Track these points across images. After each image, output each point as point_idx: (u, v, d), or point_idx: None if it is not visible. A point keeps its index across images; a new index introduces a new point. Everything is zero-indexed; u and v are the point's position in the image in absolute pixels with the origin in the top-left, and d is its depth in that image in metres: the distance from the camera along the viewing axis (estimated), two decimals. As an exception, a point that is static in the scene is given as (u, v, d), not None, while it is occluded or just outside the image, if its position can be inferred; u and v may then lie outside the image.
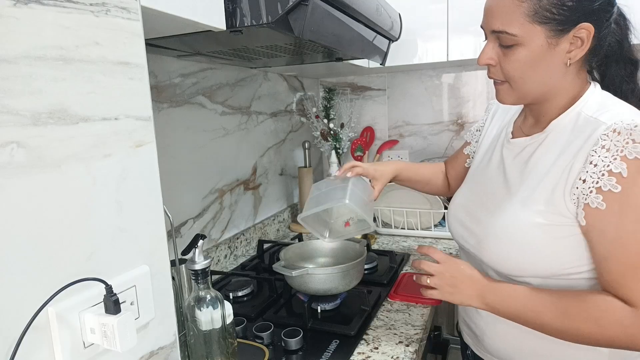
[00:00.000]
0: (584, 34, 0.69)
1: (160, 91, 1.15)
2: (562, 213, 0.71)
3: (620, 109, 0.71)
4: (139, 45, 0.52)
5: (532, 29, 0.69)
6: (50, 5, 0.42)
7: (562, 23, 0.69)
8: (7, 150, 0.39)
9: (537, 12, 0.68)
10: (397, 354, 0.88)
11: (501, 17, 0.72)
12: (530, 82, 0.74)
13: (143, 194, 0.53)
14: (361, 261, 1.07)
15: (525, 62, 0.72)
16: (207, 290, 0.75)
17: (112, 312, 0.46)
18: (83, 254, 0.46)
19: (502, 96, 0.80)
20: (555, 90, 0.76)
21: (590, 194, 0.67)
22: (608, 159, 0.66)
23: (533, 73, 0.73)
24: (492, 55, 0.76)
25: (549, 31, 0.69)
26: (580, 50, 0.71)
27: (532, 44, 0.70)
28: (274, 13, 0.74)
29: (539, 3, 0.68)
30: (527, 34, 0.70)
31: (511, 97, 0.79)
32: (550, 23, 0.69)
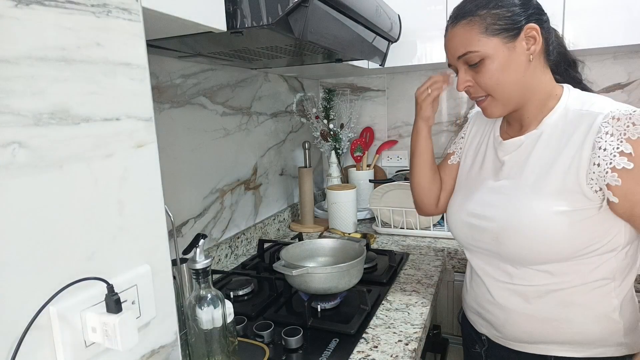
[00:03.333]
0: (533, 32, 0.81)
1: (161, 92, 1.15)
2: (577, 198, 0.78)
3: (604, 101, 0.80)
4: (140, 46, 0.52)
5: (489, 41, 0.81)
6: (52, 6, 0.42)
7: (510, 29, 0.81)
8: (9, 150, 0.39)
9: (487, 28, 0.81)
10: (397, 353, 0.88)
11: (461, 43, 0.84)
12: (507, 85, 0.83)
13: (144, 193, 0.53)
14: (361, 260, 1.07)
15: (497, 70, 0.82)
16: (208, 289, 0.76)
17: (113, 311, 0.46)
18: (84, 253, 0.46)
19: (490, 110, 0.88)
20: (530, 89, 0.85)
21: (607, 175, 0.75)
22: (615, 142, 0.74)
23: (507, 77, 0.83)
24: (467, 78, 0.86)
25: (504, 38, 0.81)
26: (536, 45, 0.82)
27: (496, 53, 0.81)
28: (274, 14, 0.74)
29: (485, 21, 0.81)
30: (487, 47, 0.81)
31: (497, 107, 0.87)
32: (501, 32, 0.81)
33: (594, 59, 1.68)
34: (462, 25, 0.83)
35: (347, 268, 1.03)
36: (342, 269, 1.02)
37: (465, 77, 0.86)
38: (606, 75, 1.68)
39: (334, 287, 1.03)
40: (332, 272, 1.01)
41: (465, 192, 0.99)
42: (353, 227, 1.70)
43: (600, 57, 1.67)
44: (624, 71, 1.65)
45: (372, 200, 1.68)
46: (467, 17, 0.82)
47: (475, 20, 0.82)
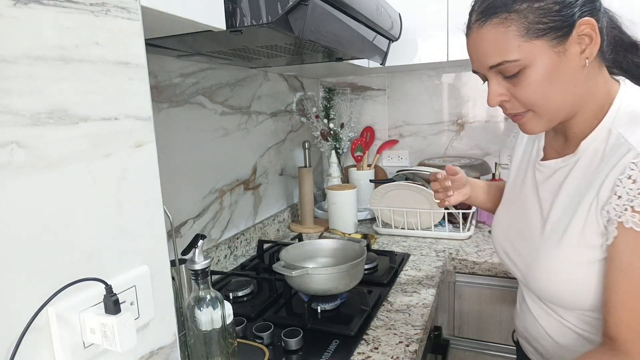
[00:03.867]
0: (588, 28, 0.63)
1: (160, 91, 1.15)
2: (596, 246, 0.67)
3: None
4: (139, 45, 0.52)
5: (531, 46, 0.63)
6: (50, 5, 0.42)
7: (559, 28, 0.63)
8: (7, 150, 0.39)
9: (528, 29, 0.63)
10: (397, 354, 0.88)
11: (494, 50, 0.66)
12: (555, 99, 0.67)
13: (143, 193, 0.53)
14: (361, 261, 1.07)
15: (542, 82, 0.65)
16: (207, 290, 0.75)
17: (112, 312, 0.46)
18: (83, 254, 0.46)
19: (531, 127, 0.71)
20: (583, 99, 0.69)
21: (613, 227, 0.63)
22: (633, 192, 0.60)
23: (555, 89, 0.66)
24: (501, 91, 0.69)
25: (551, 40, 0.63)
26: (593, 45, 0.64)
27: (540, 61, 0.64)
28: (274, 13, 0.74)
29: (526, 19, 0.63)
30: (530, 54, 0.64)
31: (540, 124, 0.71)
32: (548, 33, 0.63)
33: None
34: (494, 25, 0.65)
35: (348, 269, 1.02)
36: (342, 269, 1.02)
37: (499, 89, 0.69)
38: (607, 75, 1.67)
39: (334, 288, 1.03)
40: (332, 273, 1.01)
41: (506, 207, 0.90)
42: (353, 227, 1.70)
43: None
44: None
45: (373, 201, 1.67)
46: (500, 14, 0.64)
47: (512, 18, 0.63)
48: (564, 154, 0.76)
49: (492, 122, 1.88)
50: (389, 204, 1.65)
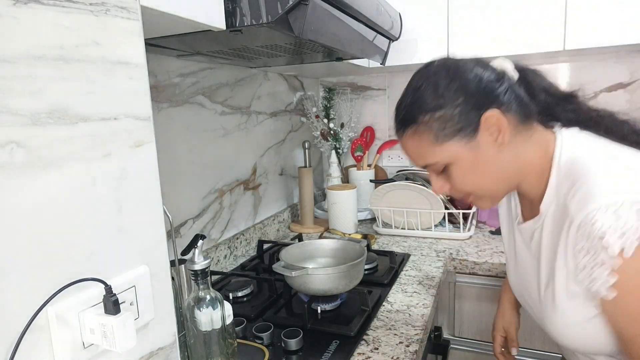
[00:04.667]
0: (493, 120, 0.67)
1: (159, 91, 1.15)
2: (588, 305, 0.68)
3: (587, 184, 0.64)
4: (139, 45, 0.52)
5: (445, 148, 0.69)
6: (50, 5, 0.42)
7: (465, 128, 0.68)
8: (7, 150, 0.38)
9: (437, 136, 0.68)
10: (398, 355, 0.88)
11: (416, 155, 0.73)
12: (486, 184, 0.72)
13: (142, 193, 0.53)
14: (361, 261, 1.07)
15: (466, 174, 0.71)
16: (207, 290, 0.75)
17: (111, 312, 0.46)
18: (82, 254, 0.46)
19: (480, 205, 0.78)
20: (517, 172, 0.73)
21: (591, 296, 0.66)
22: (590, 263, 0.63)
23: (482, 177, 0.71)
24: (440, 183, 0.75)
25: (461, 140, 0.68)
26: (502, 132, 0.68)
27: (458, 158, 0.70)
28: (274, 12, 0.74)
29: (432, 129, 0.68)
30: (445, 155, 0.69)
31: (485, 202, 0.76)
32: (456, 135, 0.68)
33: (595, 58, 1.68)
34: (410, 135, 0.71)
35: (348, 269, 1.02)
36: (342, 270, 1.01)
37: (439, 182, 0.75)
38: (608, 74, 1.68)
39: (334, 289, 1.03)
40: (332, 273, 1.01)
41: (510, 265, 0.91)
42: (353, 227, 1.70)
43: (601, 56, 1.67)
44: (627, 70, 1.65)
45: (373, 201, 1.67)
46: (411, 126, 0.70)
47: (420, 129, 0.69)
48: (534, 215, 0.77)
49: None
50: (389, 204, 1.65)
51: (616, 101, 1.68)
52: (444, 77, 0.69)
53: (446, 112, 0.67)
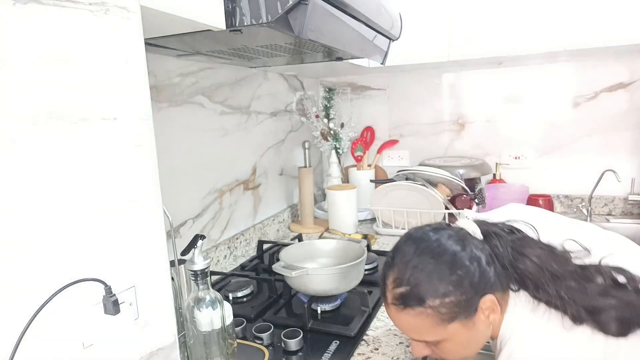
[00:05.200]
0: (489, 303, 0.71)
1: (159, 91, 1.14)
2: None
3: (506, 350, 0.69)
4: (138, 45, 0.52)
5: (446, 329, 0.71)
6: (50, 5, 0.42)
7: (467, 311, 0.70)
8: (7, 150, 0.38)
9: (442, 318, 0.70)
10: (398, 355, 0.88)
11: (414, 331, 0.73)
12: (471, 352, 0.76)
13: (142, 193, 0.53)
14: (361, 262, 1.06)
15: (458, 348, 0.74)
16: (207, 290, 0.75)
17: (111, 312, 0.46)
18: (82, 254, 0.46)
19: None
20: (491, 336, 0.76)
21: None
22: None
23: (469, 349, 0.75)
24: (425, 352, 0.77)
25: (462, 321, 0.71)
26: (495, 313, 0.72)
27: (454, 336, 0.72)
28: (274, 12, 0.74)
29: (439, 312, 0.70)
30: (444, 334, 0.71)
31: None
32: (459, 317, 0.70)
33: (595, 58, 1.68)
34: (412, 314, 0.71)
35: (348, 269, 1.02)
36: (342, 270, 1.01)
37: (424, 351, 0.77)
38: (608, 74, 1.68)
39: (334, 289, 1.02)
40: (332, 273, 1.01)
41: None
42: (353, 227, 1.69)
43: (602, 56, 1.67)
44: (627, 70, 1.65)
45: (373, 201, 1.67)
46: (415, 307, 0.70)
47: (427, 312, 0.70)
48: None
49: (493, 122, 1.88)
50: (389, 204, 1.65)
51: (616, 101, 1.68)
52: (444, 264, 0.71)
53: (455, 298, 0.69)
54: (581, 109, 1.73)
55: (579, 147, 1.76)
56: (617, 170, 1.65)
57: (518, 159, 1.86)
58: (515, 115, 1.83)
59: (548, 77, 1.76)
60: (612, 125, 1.70)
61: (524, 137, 1.84)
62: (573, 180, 1.79)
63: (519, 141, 1.85)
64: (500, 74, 1.83)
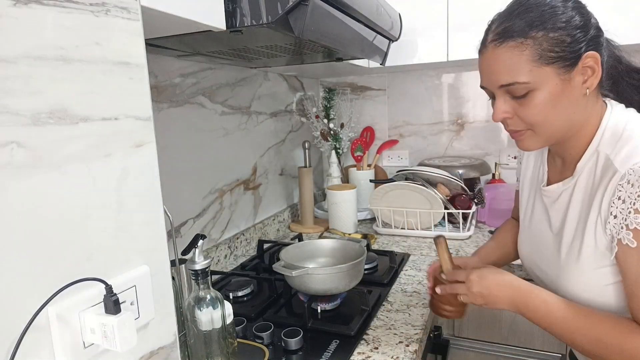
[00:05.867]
0: (592, 62, 0.69)
1: (160, 91, 1.15)
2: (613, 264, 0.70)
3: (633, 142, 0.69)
4: (139, 45, 0.52)
5: (541, 71, 0.68)
6: (50, 5, 0.42)
7: (568, 59, 0.68)
8: (7, 150, 0.39)
9: (541, 55, 0.67)
10: (397, 354, 0.88)
11: (507, 71, 0.70)
12: (555, 122, 0.72)
13: (143, 193, 0.53)
14: (361, 261, 1.07)
15: (546, 105, 0.70)
16: (207, 290, 0.75)
17: (112, 312, 0.46)
18: (83, 253, 0.46)
19: (528, 144, 0.77)
20: (578, 125, 0.74)
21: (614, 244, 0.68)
22: (625, 211, 0.65)
23: (556, 113, 0.71)
24: (506, 109, 0.73)
25: (559, 69, 0.68)
26: (594, 77, 0.70)
27: (547, 86, 0.69)
28: (274, 13, 0.74)
29: (540, 47, 0.67)
30: (539, 78, 0.68)
31: (537, 142, 0.76)
32: (557, 61, 0.68)
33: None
34: (510, 48, 0.69)
35: (348, 269, 1.02)
36: (342, 269, 1.02)
37: (505, 107, 0.73)
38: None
39: (334, 288, 1.03)
40: (332, 272, 1.01)
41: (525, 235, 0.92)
42: (353, 227, 1.70)
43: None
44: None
45: (373, 201, 1.67)
46: (516, 39, 0.68)
47: (527, 43, 0.67)
48: (564, 177, 0.80)
49: (493, 122, 1.87)
50: (389, 204, 1.65)
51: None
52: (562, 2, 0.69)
53: (561, 35, 0.67)
54: (581, 109, 1.73)
55: (578, 147, 1.76)
56: (617, 170, 1.65)
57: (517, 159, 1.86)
58: (515, 115, 1.83)
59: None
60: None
61: (524, 137, 1.83)
62: (573, 180, 1.78)
63: (518, 141, 1.84)
64: (500, 74, 1.83)
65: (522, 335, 1.33)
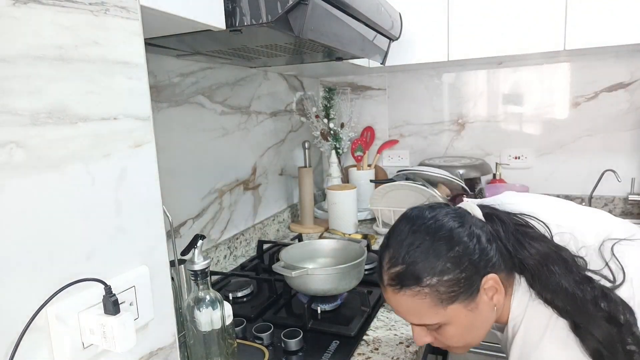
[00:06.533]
0: (492, 282, 0.68)
1: (159, 91, 1.14)
2: None
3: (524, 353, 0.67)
4: (138, 45, 0.52)
5: (447, 311, 0.68)
6: (50, 5, 0.42)
7: (468, 291, 0.67)
8: (6, 150, 0.38)
9: (442, 299, 0.67)
10: (398, 355, 0.88)
11: (412, 314, 0.70)
12: (475, 338, 0.73)
13: (142, 194, 0.53)
14: (361, 262, 1.06)
15: (462, 333, 0.70)
16: (207, 290, 0.75)
17: (111, 312, 0.46)
18: (82, 254, 0.46)
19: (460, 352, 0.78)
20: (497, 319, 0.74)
21: None
22: None
23: (473, 334, 0.72)
24: (425, 338, 0.74)
25: (463, 302, 0.67)
26: (499, 294, 0.69)
27: (457, 319, 0.69)
28: (274, 12, 0.74)
29: (438, 292, 0.67)
30: (447, 317, 0.68)
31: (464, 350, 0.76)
32: (459, 297, 0.67)
33: (595, 58, 1.68)
34: (408, 295, 0.68)
35: (348, 269, 1.02)
36: (342, 270, 1.01)
37: (424, 337, 0.74)
38: (608, 74, 1.68)
39: (334, 289, 1.02)
40: (332, 273, 1.01)
41: None
42: (353, 227, 1.69)
43: (602, 56, 1.67)
44: (627, 70, 1.65)
45: (373, 201, 1.67)
46: (412, 287, 0.67)
47: (425, 292, 0.67)
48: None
49: (493, 122, 1.88)
50: (389, 204, 1.65)
51: (616, 101, 1.68)
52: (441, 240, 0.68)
53: (454, 276, 0.66)
54: (581, 109, 1.73)
55: (579, 147, 1.76)
56: (617, 170, 1.66)
57: (518, 159, 1.86)
58: (515, 115, 1.84)
59: (548, 77, 1.76)
60: (612, 125, 1.70)
61: (524, 137, 1.84)
62: (573, 180, 1.79)
63: (519, 141, 1.85)
64: (500, 74, 1.83)
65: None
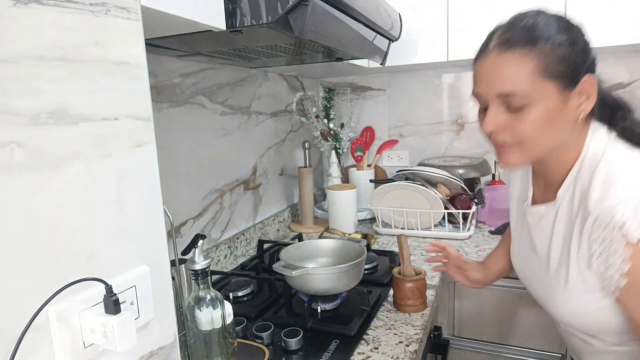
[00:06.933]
0: (589, 85, 0.67)
1: (160, 91, 1.15)
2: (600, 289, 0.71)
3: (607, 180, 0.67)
4: (139, 45, 0.52)
5: (543, 85, 0.65)
6: (50, 5, 0.42)
7: (569, 77, 0.66)
8: (7, 150, 0.39)
9: (546, 68, 0.65)
10: (397, 354, 0.88)
11: (509, 78, 0.66)
12: (545, 141, 0.69)
13: (143, 194, 0.53)
14: (361, 261, 1.07)
15: (542, 122, 0.67)
16: (207, 290, 0.75)
17: (112, 312, 0.46)
18: (83, 254, 0.46)
19: (511, 159, 0.73)
20: (565, 147, 0.72)
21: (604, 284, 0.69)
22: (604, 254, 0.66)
23: (549, 132, 0.68)
24: (499, 120, 0.69)
25: (560, 86, 0.66)
26: (589, 102, 0.68)
27: (545, 101, 0.66)
28: (274, 13, 0.74)
29: (547, 60, 0.65)
30: (539, 91, 0.65)
31: (521, 159, 0.72)
32: (560, 78, 0.65)
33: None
34: (516, 56, 0.66)
35: (348, 269, 1.02)
36: (342, 269, 1.02)
37: (498, 118, 0.69)
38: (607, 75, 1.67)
39: (334, 288, 1.03)
40: (332, 272, 1.01)
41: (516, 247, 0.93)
42: (353, 227, 1.70)
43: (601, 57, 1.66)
44: (626, 71, 1.65)
45: (373, 201, 1.67)
46: (524, 48, 0.65)
47: (534, 53, 0.65)
48: (546, 199, 0.80)
49: (492, 122, 1.88)
50: (389, 204, 1.65)
51: (616, 101, 1.68)
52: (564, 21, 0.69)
53: (569, 51, 0.65)
54: (581, 109, 1.73)
55: (578, 147, 1.76)
56: (617, 170, 1.65)
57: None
58: (515, 115, 1.83)
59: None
60: (612, 125, 1.70)
61: (524, 137, 1.84)
62: (573, 180, 1.78)
63: (518, 141, 1.85)
64: (500, 74, 1.83)
65: (522, 335, 1.33)
